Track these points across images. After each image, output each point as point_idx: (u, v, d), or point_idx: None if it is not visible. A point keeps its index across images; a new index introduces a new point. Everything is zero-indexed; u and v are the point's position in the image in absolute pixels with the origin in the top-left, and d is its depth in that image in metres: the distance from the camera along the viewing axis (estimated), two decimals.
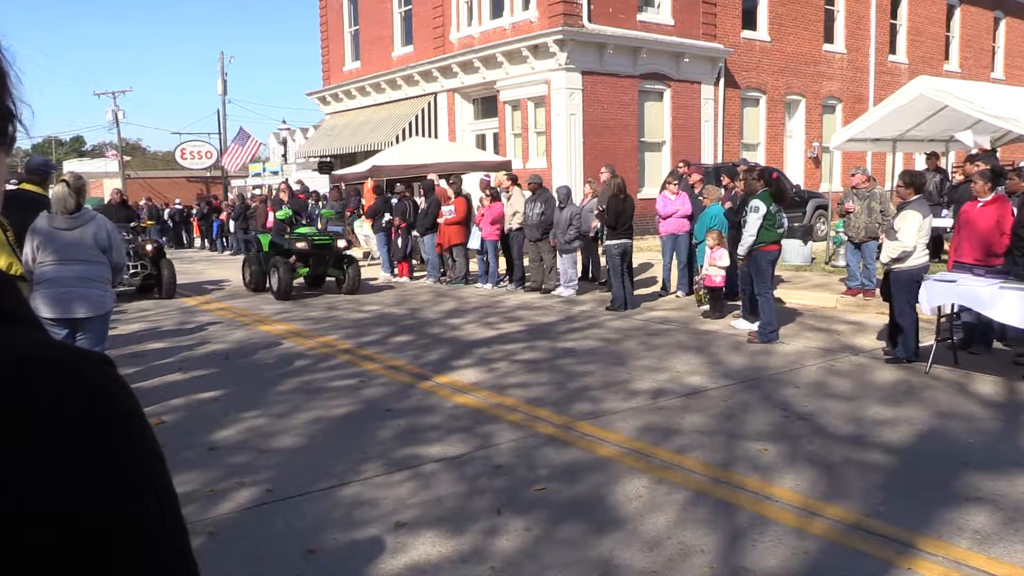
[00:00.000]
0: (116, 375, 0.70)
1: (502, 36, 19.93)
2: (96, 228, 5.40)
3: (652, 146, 20.61)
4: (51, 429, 0.63)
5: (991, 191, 7.42)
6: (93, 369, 0.69)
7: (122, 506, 0.65)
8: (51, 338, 0.70)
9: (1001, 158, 14.21)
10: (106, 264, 5.45)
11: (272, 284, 12.67)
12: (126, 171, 43.98)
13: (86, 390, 0.67)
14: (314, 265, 12.89)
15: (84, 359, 0.69)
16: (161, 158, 59.47)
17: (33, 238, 5.29)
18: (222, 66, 38.07)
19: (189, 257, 23.75)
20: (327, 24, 27.55)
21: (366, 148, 22.40)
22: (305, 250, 12.46)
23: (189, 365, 7.84)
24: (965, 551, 3.59)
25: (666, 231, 11.49)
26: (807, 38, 23.55)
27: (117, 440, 0.67)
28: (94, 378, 0.68)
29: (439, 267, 14.23)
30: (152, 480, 0.69)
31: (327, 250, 12.75)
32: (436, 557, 3.64)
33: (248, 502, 4.31)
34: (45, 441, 0.63)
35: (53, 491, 0.62)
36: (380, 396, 6.50)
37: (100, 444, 0.65)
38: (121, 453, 0.66)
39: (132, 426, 0.68)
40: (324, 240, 12.73)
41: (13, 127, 0.74)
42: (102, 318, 5.43)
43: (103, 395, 0.67)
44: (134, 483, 0.67)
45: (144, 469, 0.68)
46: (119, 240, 5.63)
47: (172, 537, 0.70)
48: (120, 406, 0.68)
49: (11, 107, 0.73)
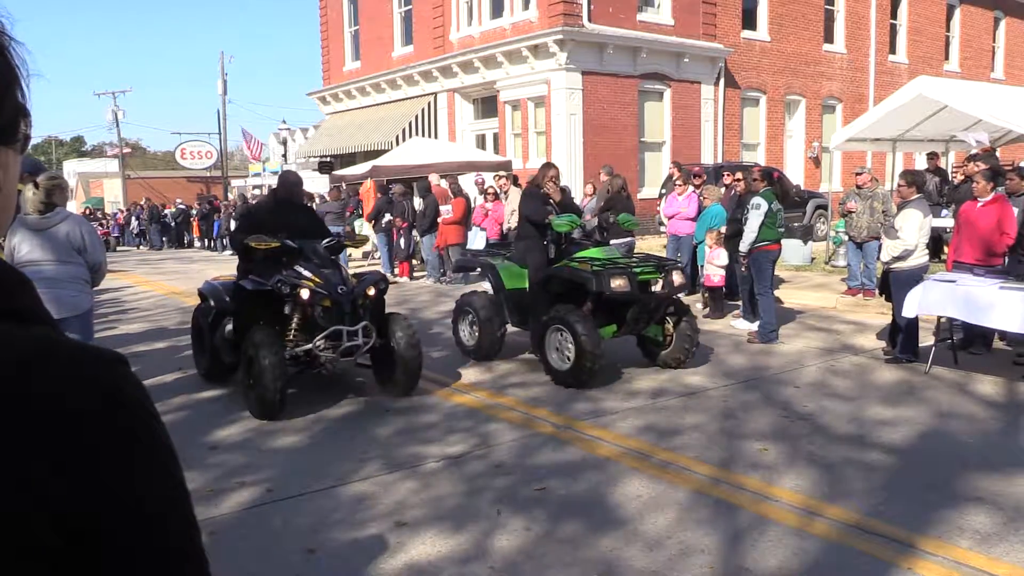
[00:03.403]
0: (130, 374, 0.71)
1: (502, 36, 19.93)
2: (69, 228, 5.29)
3: (652, 146, 20.61)
4: (66, 428, 0.64)
5: (992, 191, 7.42)
6: (108, 368, 0.69)
7: (134, 503, 0.66)
8: (67, 337, 0.70)
9: (1001, 158, 14.20)
10: (81, 264, 5.33)
11: (482, 345, 7.60)
12: (126, 171, 43.97)
13: (101, 389, 0.67)
14: (635, 320, 7.03)
15: (99, 358, 0.69)
16: (161, 158, 59.45)
17: (10, 239, 5.24)
18: (222, 66, 38.10)
19: (189, 257, 23.81)
20: (327, 24, 27.54)
21: (366, 148, 22.40)
22: (626, 293, 6.66)
23: (189, 365, 7.84)
24: (965, 551, 3.59)
25: (670, 232, 11.55)
26: (807, 38, 23.55)
27: (130, 438, 0.67)
28: (108, 377, 0.69)
29: (439, 267, 14.23)
30: (164, 478, 0.70)
31: (649, 293, 6.93)
32: (436, 557, 3.64)
33: (248, 502, 4.31)
34: (61, 440, 0.63)
35: (68, 489, 0.63)
36: (380, 396, 6.49)
37: (114, 442, 0.66)
38: (134, 452, 0.67)
39: (145, 424, 0.69)
40: (648, 271, 6.90)
41: (27, 125, 0.74)
42: (79, 319, 5.32)
43: (117, 393, 0.68)
44: (146, 481, 0.67)
45: (156, 467, 0.69)
46: (96, 239, 5.48)
47: (183, 534, 0.71)
48: (134, 405, 0.69)
49: (24, 105, 0.73)
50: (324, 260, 6.20)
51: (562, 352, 6.63)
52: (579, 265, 6.84)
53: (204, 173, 43.97)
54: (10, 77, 0.71)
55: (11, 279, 0.72)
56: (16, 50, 0.71)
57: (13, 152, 0.74)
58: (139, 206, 30.16)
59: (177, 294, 14.01)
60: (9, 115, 0.72)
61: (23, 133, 0.75)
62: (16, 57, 0.71)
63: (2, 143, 0.73)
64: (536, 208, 7.42)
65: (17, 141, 0.74)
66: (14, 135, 0.74)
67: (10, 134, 0.73)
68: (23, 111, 0.74)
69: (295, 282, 5.91)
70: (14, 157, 0.75)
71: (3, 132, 0.72)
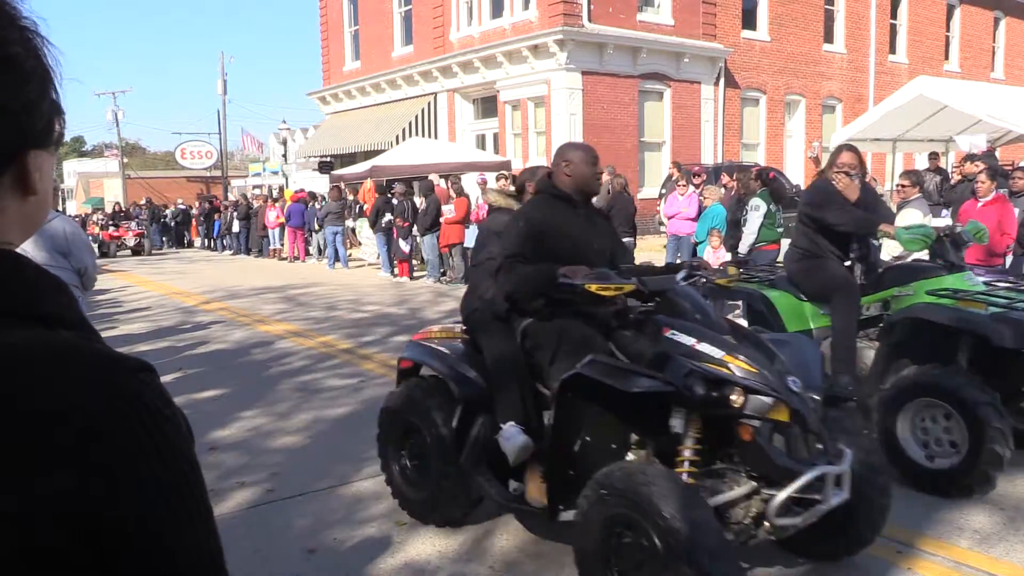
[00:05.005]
0: (152, 380, 0.70)
1: (502, 36, 19.94)
2: (53, 231, 5.18)
3: (652, 146, 20.62)
4: (85, 435, 0.63)
5: (993, 190, 7.43)
6: (129, 375, 0.68)
7: (148, 509, 0.65)
8: (92, 343, 0.70)
9: (1001, 158, 14.21)
10: (66, 268, 5.13)
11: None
12: (126, 171, 43.98)
13: (120, 395, 0.66)
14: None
15: (121, 364, 0.69)
16: (161, 158, 59.47)
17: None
18: (222, 66, 38.12)
19: (189, 257, 23.82)
20: (327, 24, 27.55)
21: (366, 148, 22.40)
22: None
23: (189, 365, 7.84)
24: (965, 551, 3.59)
25: (670, 232, 11.58)
26: (807, 38, 23.56)
27: (149, 446, 0.66)
28: (129, 383, 0.68)
29: (439, 267, 14.24)
30: (181, 485, 0.69)
31: None
32: (436, 556, 3.64)
33: (248, 502, 4.31)
34: (79, 447, 0.62)
35: (80, 492, 0.62)
36: (380, 396, 6.46)
37: (132, 452, 0.65)
38: (151, 458, 0.66)
39: (165, 432, 0.68)
40: None
41: (61, 124, 0.74)
42: None
43: (138, 400, 0.67)
44: (162, 487, 0.67)
45: (174, 474, 0.68)
46: (82, 242, 5.12)
47: (199, 551, 0.70)
48: (154, 414, 0.68)
49: (59, 103, 0.74)
50: (711, 318, 3.23)
51: (933, 440, 4.24)
52: (957, 301, 4.37)
53: (204, 173, 43.99)
54: (47, 79, 0.71)
55: (45, 284, 0.72)
56: (51, 51, 0.71)
57: (47, 153, 0.74)
58: (138, 206, 30.10)
59: (177, 294, 14.03)
60: (46, 117, 0.72)
61: (58, 133, 0.75)
62: (50, 58, 0.71)
63: (39, 146, 0.72)
64: (850, 213, 4.84)
65: (52, 144, 0.74)
66: (50, 137, 0.74)
67: (46, 136, 0.73)
68: (58, 110, 0.74)
69: (717, 375, 2.92)
70: (48, 159, 0.75)
71: (41, 135, 0.72)
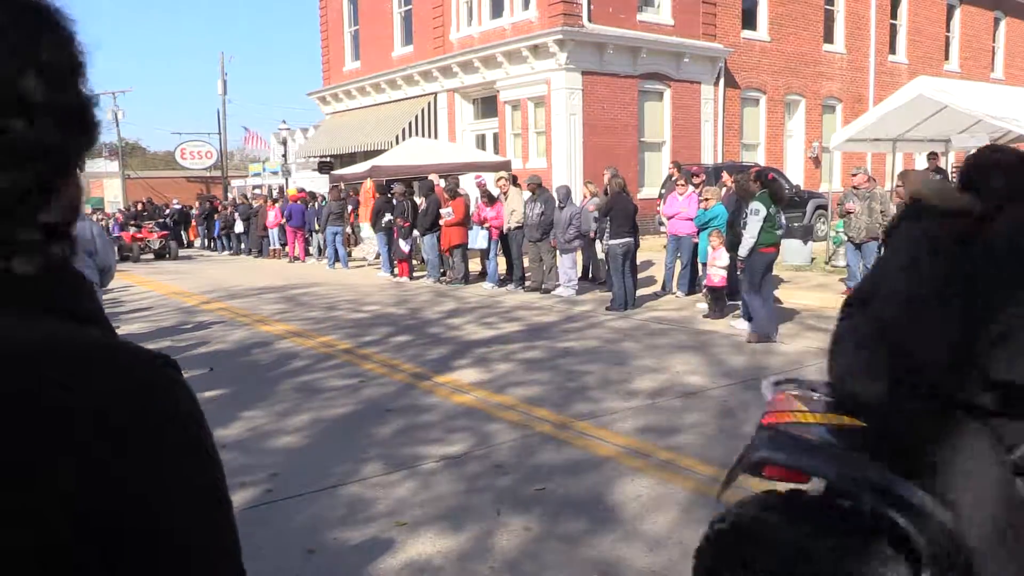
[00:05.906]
0: (177, 376, 0.71)
1: (502, 36, 19.93)
2: (80, 231, 5.29)
3: (652, 146, 20.62)
4: (113, 429, 0.63)
5: None
6: (155, 370, 0.69)
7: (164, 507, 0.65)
8: (116, 339, 0.71)
9: None
10: (91, 267, 5.31)
11: None
12: (126, 171, 43.96)
13: (144, 390, 0.67)
14: None
15: (146, 359, 0.69)
16: (161, 158, 59.43)
17: None
18: (222, 66, 38.11)
19: (189, 257, 23.81)
20: (327, 24, 27.55)
21: (366, 148, 22.40)
22: None
23: (189, 365, 7.85)
24: None
25: (670, 232, 11.58)
26: (807, 38, 23.56)
27: (172, 441, 0.67)
28: (154, 378, 0.68)
29: (439, 267, 14.24)
30: (203, 482, 0.69)
31: None
32: (436, 556, 3.65)
33: (248, 502, 4.31)
34: (106, 441, 0.62)
35: (111, 493, 0.62)
36: (380, 396, 6.50)
37: (154, 444, 0.65)
38: (173, 454, 0.66)
39: (187, 428, 0.69)
40: None
41: (91, 115, 0.74)
42: None
43: (161, 396, 0.68)
44: (183, 484, 0.67)
45: (195, 471, 0.68)
46: (105, 241, 5.54)
47: (224, 541, 0.70)
48: (176, 408, 0.68)
49: (89, 95, 0.74)
50: None
51: None
52: None
53: (204, 173, 43.95)
54: (80, 71, 0.71)
55: (77, 281, 0.73)
56: (80, 42, 0.72)
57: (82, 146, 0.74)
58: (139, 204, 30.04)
59: (177, 294, 14.03)
60: (82, 104, 0.72)
61: (90, 124, 0.75)
62: (81, 50, 0.72)
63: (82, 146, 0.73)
64: None
65: (87, 132, 0.74)
66: (84, 126, 0.74)
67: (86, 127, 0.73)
68: (89, 101, 0.74)
69: None
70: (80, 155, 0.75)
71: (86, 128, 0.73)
